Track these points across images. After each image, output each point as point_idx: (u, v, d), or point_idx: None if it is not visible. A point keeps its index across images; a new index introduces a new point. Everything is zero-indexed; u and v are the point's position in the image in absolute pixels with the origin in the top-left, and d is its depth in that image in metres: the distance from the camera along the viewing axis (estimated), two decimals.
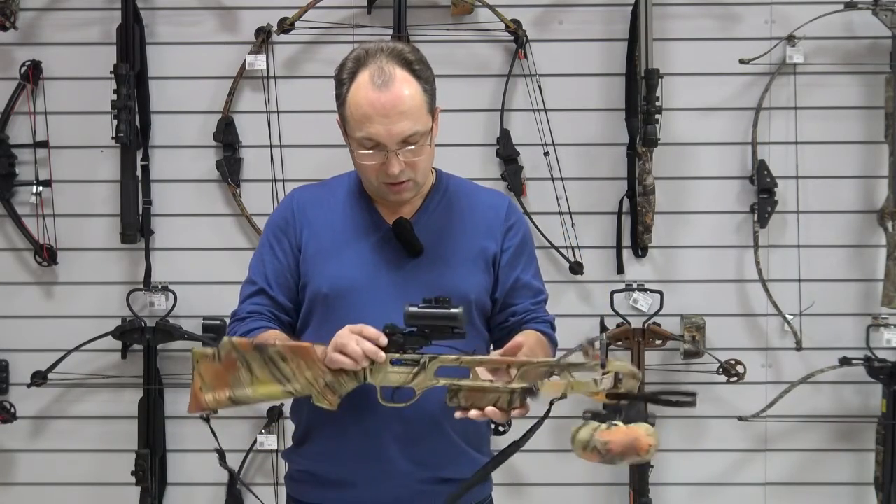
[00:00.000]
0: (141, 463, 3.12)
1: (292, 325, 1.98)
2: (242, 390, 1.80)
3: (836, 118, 3.21)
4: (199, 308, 3.21)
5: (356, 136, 1.84)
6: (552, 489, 3.27)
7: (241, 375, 1.79)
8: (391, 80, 1.81)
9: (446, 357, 1.72)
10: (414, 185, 1.90)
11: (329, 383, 1.75)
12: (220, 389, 1.81)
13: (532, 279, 2.00)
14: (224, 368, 1.80)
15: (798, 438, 3.27)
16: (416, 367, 1.73)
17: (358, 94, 1.82)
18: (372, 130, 1.81)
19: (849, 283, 3.25)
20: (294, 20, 3.13)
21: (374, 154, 1.84)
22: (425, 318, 1.70)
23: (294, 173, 3.17)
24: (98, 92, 3.13)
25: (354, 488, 1.91)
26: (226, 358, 1.80)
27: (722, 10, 3.21)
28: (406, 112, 1.81)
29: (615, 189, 3.22)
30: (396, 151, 1.82)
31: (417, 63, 1.85)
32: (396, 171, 1.83)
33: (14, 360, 3.26)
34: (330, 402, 1.76)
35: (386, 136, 1.81)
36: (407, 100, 1.82)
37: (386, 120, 1.80)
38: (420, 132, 1.84)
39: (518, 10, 3.17)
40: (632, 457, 1.54)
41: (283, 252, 1.96)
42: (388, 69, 1.82)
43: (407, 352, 1.73)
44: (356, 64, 1.85)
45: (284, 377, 1.78)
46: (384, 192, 1.90)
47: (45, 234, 3.20)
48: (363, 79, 1.82)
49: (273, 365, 1.78)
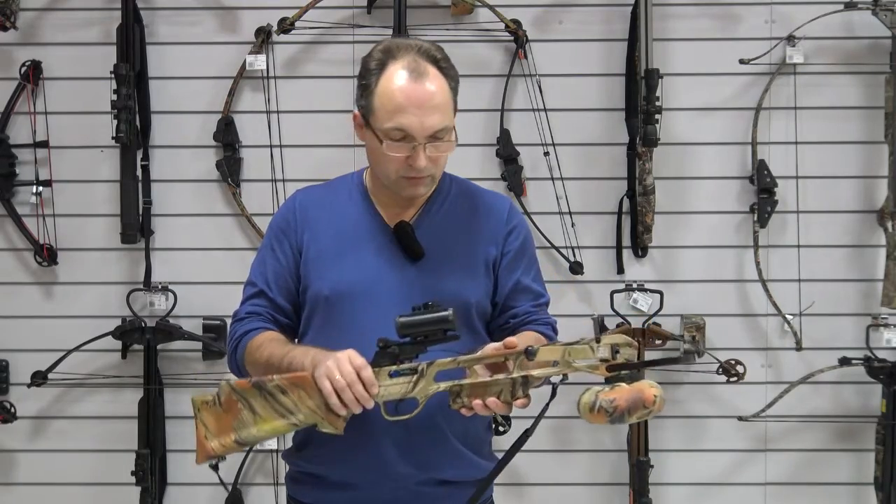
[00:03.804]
0: (141, 463, 3.12)
1: (291, 328, 1.98)
2: (247, 430, 1.80)
3: (836, 118, 3.22)
4: (199, 308, 3.21)
5: (385, 126, 1.83)
6: (552, 489, 3.27)
7: (243, 416, 1.79)
8: (426, 74, 1.82)
9: (443, 361, 1.72)
10: (431, 180, 1.90)
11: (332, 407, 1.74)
12: (225, 434, 1.81)
13: (532, 282, 2.00)
14: (226, 412, 1.80)
15: (798, 438, 3.27)
16: (415, 374, 1.72)
17: (391, 84, 1.82)
18: (404, 121, 1.81)
19: (849, 283, 3.25)
20: (294, 20, 3.13)
21: (401, 146, 1.83)
22: (417, 326, 1.69)
23: (294, 173, 3.17)
24: (98, 92, 3.13)
25: (354, 490, 1.91)
26: (226, 401, 1.80)
27: (722, 10, 3.21)
28: (437, 106, 1.82)
29: (615, 189, 3.22)
30: (424, 145, 1.82)
31: (444, 61, 1.87)
32: (423, 164, 1.83)
33: (14, 360, 3.26)
34: (335, 426, 1.75)
35: (418, 128, 1.81)
36: (439, 94, 1.83)
37: (419, 112, 1.80)
38: (447, 128, 1.84)
39: (518, 10, 3.17)
40: (639, 410, 1.54)
41: (283, 254, 1.96)
42: (422, 63, 1.82)
43: (403, 362, 1.72)
44: (385, 55, 1.84)
45: (287, 410, 1.77)
46: (402, 186, 1.89)
47: (45, 234, 3.20)
48: (397, 70, 1.82)
49: (273, 400, 1.77)
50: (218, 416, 1.81)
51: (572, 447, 3.26)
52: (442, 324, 1.68)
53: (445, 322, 1.68)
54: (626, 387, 1.54)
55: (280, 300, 1.96)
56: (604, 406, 1.53)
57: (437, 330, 1.69)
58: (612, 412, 1.53)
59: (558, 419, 3.15)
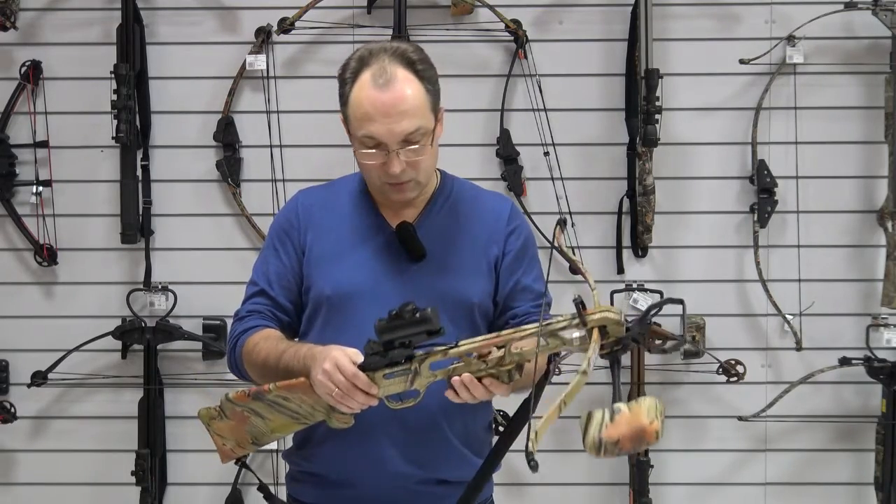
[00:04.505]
0: (141, 463, 3.12)
1: (292, 326, 1.99)
2: (261, 432, 1.83)
3: (836, 118, 3.22)
4: (199, 308, 3.21)
5: (358, 134, 1.84)
6: (552, 489, 3.27)
7: (253, 422, 1.82)
8: (393, 80, 1.81)
9: (434, 354, 1.70)
10: (416, 184, 1.90)
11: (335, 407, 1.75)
12: (241, 438, 1.85)
13: (533, 283, 2.00)
14: (236, 423, 1.83)
15: (798, 438, 3.27)
16: (410, 373, 1.72)
17: (360, 94, 1.82)
18: (373, 129, 1.81)
19: (849, 283, 3.25)
20: (294, 20, 3.13)
21: (375, 153, 1.84)
22: (399, 331, 1.66)
23: (294, 173, 3.17)
24: (98, 92, 3.13)
25: (354, 489, 1.91)
26: (231, 414, 1.82)
27: (722, 10, 3.21)
28: (407, 111, 1.81)
29: (615, 189, 3.22)
30: (397, 151, 1.82)
31: (420, 63, 1.85)
32: (398, 170, 1.83)
33: (14, 360, 3.26)
34: (343, 420, 1.77)
35: (387, 136, 1.81)
36: (409, 99, 1.82)
37: (387, 119, 1.80)
38: (421, 132, 1.83)
39: (518, 10, 3.17)
40: (644, 445, 1.56)
41: (286, 254, 1.97)
42: (390, 69, 1.82)
43: (395, 365, 1.71)
44: (359, 63, 1.85)
45: (295, 412, 1.79)
46: (387, 192, 1.90)
47: (45, 234, 3.20)
48: (365, 78, 1.82)
49: (278, 406, 1.79)
50: (230, 426, 1.84)
51: (572, 447, 3.25)
52: (425, 325, 1.64)
53: (427, 323, 1.64)
54: (627, 417, 1.53)
55: (281, 299, 1.96)
56: (608, 449, 1.55)
57: (421, 332, 1.67)
58: (617, 452, 1.56)
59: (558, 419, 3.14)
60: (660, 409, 1.52)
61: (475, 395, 1.69)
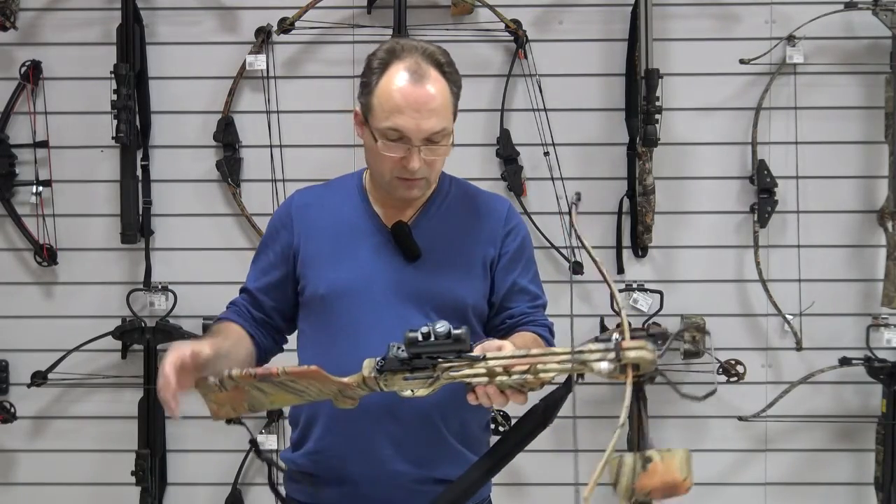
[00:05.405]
0: (141, 463, 3.12)
1: (268, 324, 1.98)
2: (260, 403, 1.79)
3: (836, 118, 3.22)
4: (199, 308, 3.21)
5: (381, 125, 1.83)
6: (552, 489, 3.27)
7: (254, 394, 1.79)
8: (426, 77, 1.82)
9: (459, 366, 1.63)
10: (426, 183, 1.90)
11: (342, 391, 1.73)
12: (238, 405, 1.80)
13: (529, 284, 1.99)
14: (234, 394, 1.79)
15: (798, 438, 3.27)
16: (431, 378, 1.70)
17: (390, 85, 1.82)
18: (400, 122, 1.81)
19: (849, 283, 3.25)
20: (294, 20, 3.13)
21: (396, 146, 1.83)
22: (429, 348, 1.62)
23: (294, 173, 3.17)
24: (98, 92, 3.13)
25: (350, 487, 1.91)
26: (231, 387, 1.80)
27: (722, 10, 3.21)
28: (436, 110, 1.82)
29: (615, 189, 3.22)
30: (419, 147, 1.83)
31: (448, 66, 1.87)
32: (416, 166, 1.83)
33: (14, 360, 3.26)
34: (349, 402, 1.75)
35: (413, 130, 1.81)
36: (438, 98, 1.83)
37: (416, 114, 1.81)
38: (445, 132, 1.85)
39: (518, 10, 3.17)
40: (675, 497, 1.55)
41: (273, 252, 1.99)
42: (423, 65, 1.83)
43: (415, 371, 1.67)
44: (389, 55, 1.85)
45: (300, 390, 1.75)
46: (395, 187, 1.90)
47: (45, 234, 3.20)
48: (398, 70, 1.83)
49: (285, 385, 1.75)
50: (228, 395, 1.79)
51: (572, 447, 3.25)
52: (455, 345, 1.61)
53: (459, 343, 1.60)
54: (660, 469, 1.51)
55: (261, 296, 1.98)
56: (640, 499, 1.54)
57: (451, 351, 1.62)
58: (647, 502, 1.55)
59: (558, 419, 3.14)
60: (690, 462, 1.49)
61: (495, 403, 1.68)
